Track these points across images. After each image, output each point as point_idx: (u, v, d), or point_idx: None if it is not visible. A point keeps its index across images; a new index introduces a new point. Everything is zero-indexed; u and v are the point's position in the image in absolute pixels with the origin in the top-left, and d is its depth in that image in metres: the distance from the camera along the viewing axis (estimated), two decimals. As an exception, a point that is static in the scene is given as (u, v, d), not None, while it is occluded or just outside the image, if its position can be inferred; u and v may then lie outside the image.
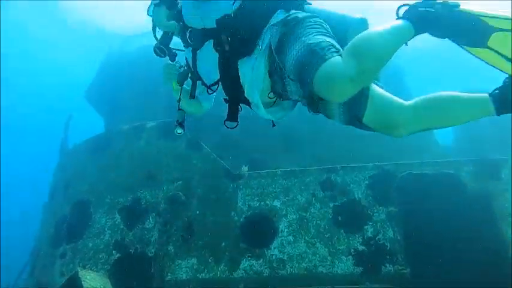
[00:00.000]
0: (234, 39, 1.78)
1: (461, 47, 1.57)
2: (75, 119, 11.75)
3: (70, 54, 28.43)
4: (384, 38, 1.48)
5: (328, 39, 1.59)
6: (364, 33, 1.52)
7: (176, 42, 2.17)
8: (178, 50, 2.16)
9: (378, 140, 4.58)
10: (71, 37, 26.97)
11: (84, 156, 7.47)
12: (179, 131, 2.13)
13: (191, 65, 2.06)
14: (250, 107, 1.95)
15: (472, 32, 1.51)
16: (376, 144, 6.45)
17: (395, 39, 1.50)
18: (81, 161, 7.48)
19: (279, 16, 1.77)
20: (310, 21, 1.71)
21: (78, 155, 7.79)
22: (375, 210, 5.35)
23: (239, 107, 2.06)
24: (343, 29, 1.79)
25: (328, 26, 1.75)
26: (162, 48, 2.06)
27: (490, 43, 1.50)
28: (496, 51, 1.49)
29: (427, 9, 1.54)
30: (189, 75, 2.14)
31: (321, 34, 1.63)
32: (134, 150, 6.91)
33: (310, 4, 2.04)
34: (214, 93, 2.21)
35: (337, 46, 1.55)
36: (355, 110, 1.62)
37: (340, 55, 1.46)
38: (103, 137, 7.72)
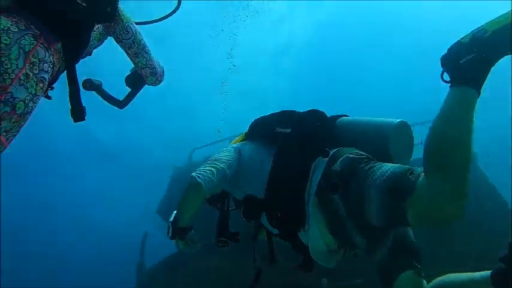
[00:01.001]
0: (282, 215, 1.71)
1: None
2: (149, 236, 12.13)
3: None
4: (456, 127, 1.19)
5: (388, 165, 1.40)
6: (435, 134, 1.23)
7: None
8: (232, 209, 2.10)
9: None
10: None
11: (161, 279, 7.56)
12: None
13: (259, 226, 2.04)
14: None
15: None
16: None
17: (467, 119, 1.18)
18: (158, 284, 7.55)
19: (317, 176, 1.59)
20: (355, 160, 1.50)
21: (154, 278, 7.90)
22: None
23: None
24: (383, 137, 1.62)
25: (363, 152, 1.58)
26: (224, 240, 1.95)
27: None
28: None
29: (468, 57, 1.22)
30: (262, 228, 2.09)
31: (375, 163, 1.46)
32: (208, 268, 6.85)
33: (343, 116, 1.87)
34: None
35: (407, 166, 1.35)
36: (392, 269, 1.67)
37: (420, 174, 1.24)
38: (177, 256, 7.84)
